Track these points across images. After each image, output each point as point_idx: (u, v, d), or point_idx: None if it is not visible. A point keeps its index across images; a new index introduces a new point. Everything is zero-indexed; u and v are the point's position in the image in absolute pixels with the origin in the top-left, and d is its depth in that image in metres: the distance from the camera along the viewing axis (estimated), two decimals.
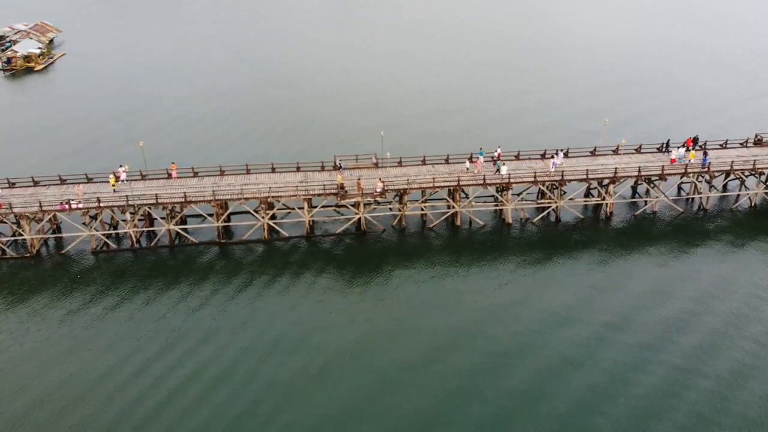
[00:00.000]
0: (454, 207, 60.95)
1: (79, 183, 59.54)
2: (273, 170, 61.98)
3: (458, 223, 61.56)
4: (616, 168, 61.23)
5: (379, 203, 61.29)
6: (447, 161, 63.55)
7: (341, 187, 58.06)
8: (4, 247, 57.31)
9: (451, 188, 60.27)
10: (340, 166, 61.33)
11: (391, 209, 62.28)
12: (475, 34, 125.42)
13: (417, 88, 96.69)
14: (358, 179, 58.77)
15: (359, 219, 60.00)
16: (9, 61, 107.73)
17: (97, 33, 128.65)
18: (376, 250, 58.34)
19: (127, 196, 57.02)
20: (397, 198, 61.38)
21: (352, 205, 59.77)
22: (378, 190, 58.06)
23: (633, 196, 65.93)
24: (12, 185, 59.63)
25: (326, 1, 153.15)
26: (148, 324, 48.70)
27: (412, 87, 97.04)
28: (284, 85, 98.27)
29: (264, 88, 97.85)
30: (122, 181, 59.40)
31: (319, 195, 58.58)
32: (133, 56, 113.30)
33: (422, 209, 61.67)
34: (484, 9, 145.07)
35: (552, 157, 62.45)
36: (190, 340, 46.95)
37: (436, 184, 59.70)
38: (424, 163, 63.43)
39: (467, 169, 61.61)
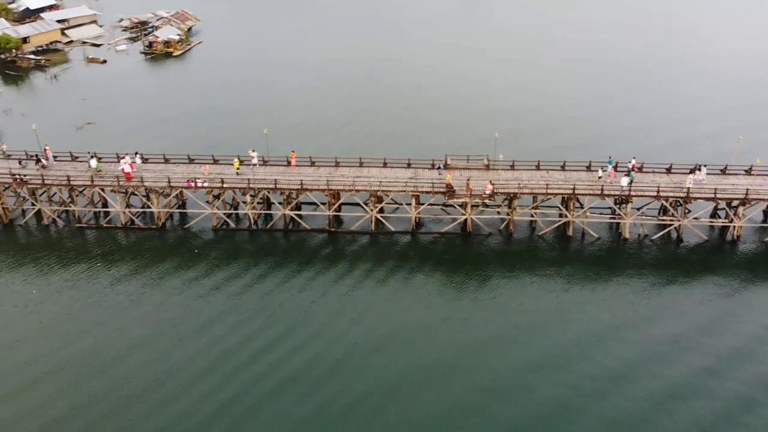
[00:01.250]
0: (567, 216, 59.04)
1: (206, 164, 63.04)
2: (384, 165, 62.84)
3: (570, 233, 59.53)
4: (747, 189, 56.90)
5: (487, 206, 60.43)
6: (563, 168, 61.65)
7: (450, 186, 57.90)
8: (134, 218, 62.01)
9: (566, 196, 58.45)
10: (440, 167, 61.11)
11: (499, 213, 61.25)
12: (604, 45, 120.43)
13: (538, 94, 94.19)
14: (468, 180, 58.33)
15: (466, 220, 59.57)
16: (150, 45, 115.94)
17: (232, 24, 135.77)
18: (480, 253, 57.71)
19: (248, 179, 59.88)
20: (506, 202, 60.32)
21: (460, 206, 59.43)
22: (487, 192, 57.34)
23: (765, 221, 60.99)
24: (145, 161, 64.17)
25: (450, 7, 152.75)
26: (255, 300, 51.16)
27: (533, 93, 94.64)
28: (403, 84, 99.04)
29: (383, 85, 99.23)
30: (254, 165, 62.49)
31: (427, 192, 58.74)
32: (264, 47, 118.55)
33: (532, 215, 60.23)
34: (612, 19, 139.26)
35: (691, 172, 58.81)
36: (290, 320, 48.95)
37: (549, 191, 58.11)
38: (538, 168, 61.90)
39: (599, 177, 59.42)
